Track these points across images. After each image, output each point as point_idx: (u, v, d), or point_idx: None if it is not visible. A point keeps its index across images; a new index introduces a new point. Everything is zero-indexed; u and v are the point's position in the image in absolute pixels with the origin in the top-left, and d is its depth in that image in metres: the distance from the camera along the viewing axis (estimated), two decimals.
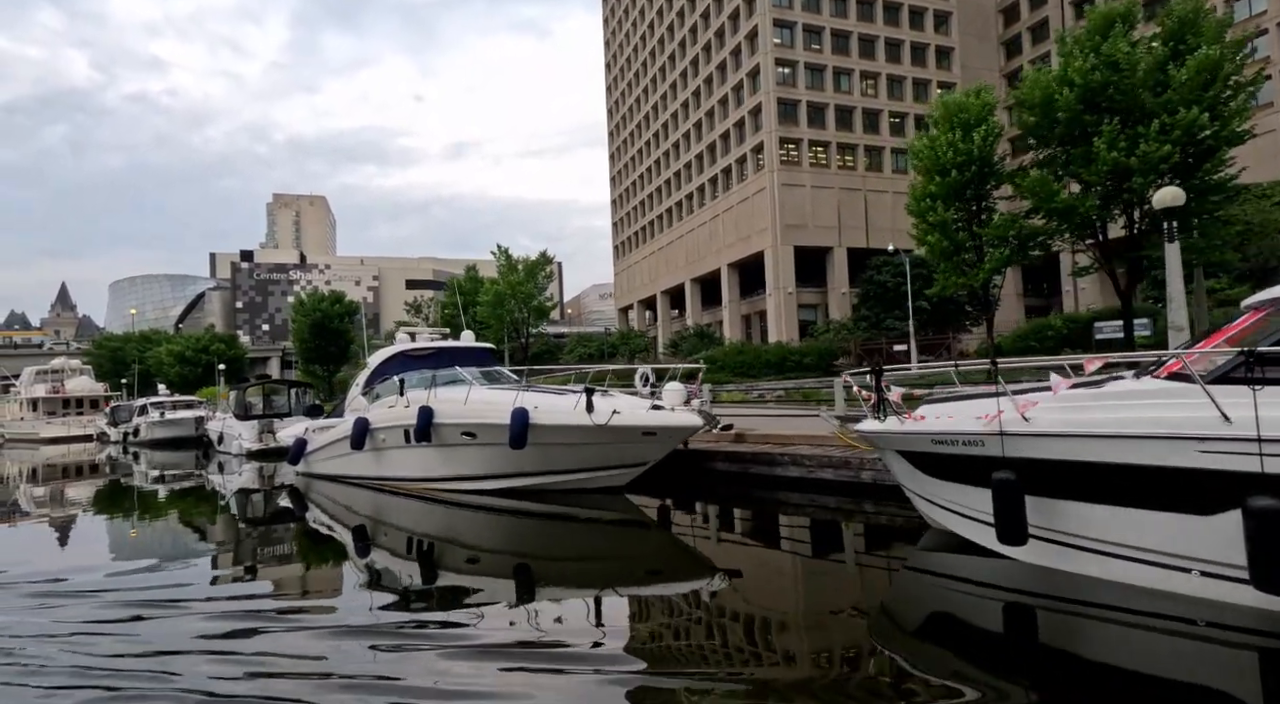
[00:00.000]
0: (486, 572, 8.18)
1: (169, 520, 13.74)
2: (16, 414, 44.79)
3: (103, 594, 7.23)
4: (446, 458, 11.21)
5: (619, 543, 9.15)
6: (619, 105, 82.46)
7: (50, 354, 64.46)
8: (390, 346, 14.29)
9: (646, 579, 7.60)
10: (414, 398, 11.68)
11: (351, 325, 45.16)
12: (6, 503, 18.09)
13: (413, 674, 4.73)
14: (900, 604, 6.01)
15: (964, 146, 23.31)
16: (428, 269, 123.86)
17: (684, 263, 65.22)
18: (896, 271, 44.24)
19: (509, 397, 10.31)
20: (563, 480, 10.44)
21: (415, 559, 8.84)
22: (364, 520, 11.53)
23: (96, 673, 4.95)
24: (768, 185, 50.93)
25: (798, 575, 7.36)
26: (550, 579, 7.64)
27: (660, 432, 9.52)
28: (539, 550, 9.02)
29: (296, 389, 24.35)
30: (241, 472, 20.63)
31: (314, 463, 14.84)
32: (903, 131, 54.31)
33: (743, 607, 6.21)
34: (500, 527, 10.28)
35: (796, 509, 9.55)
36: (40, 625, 6.16)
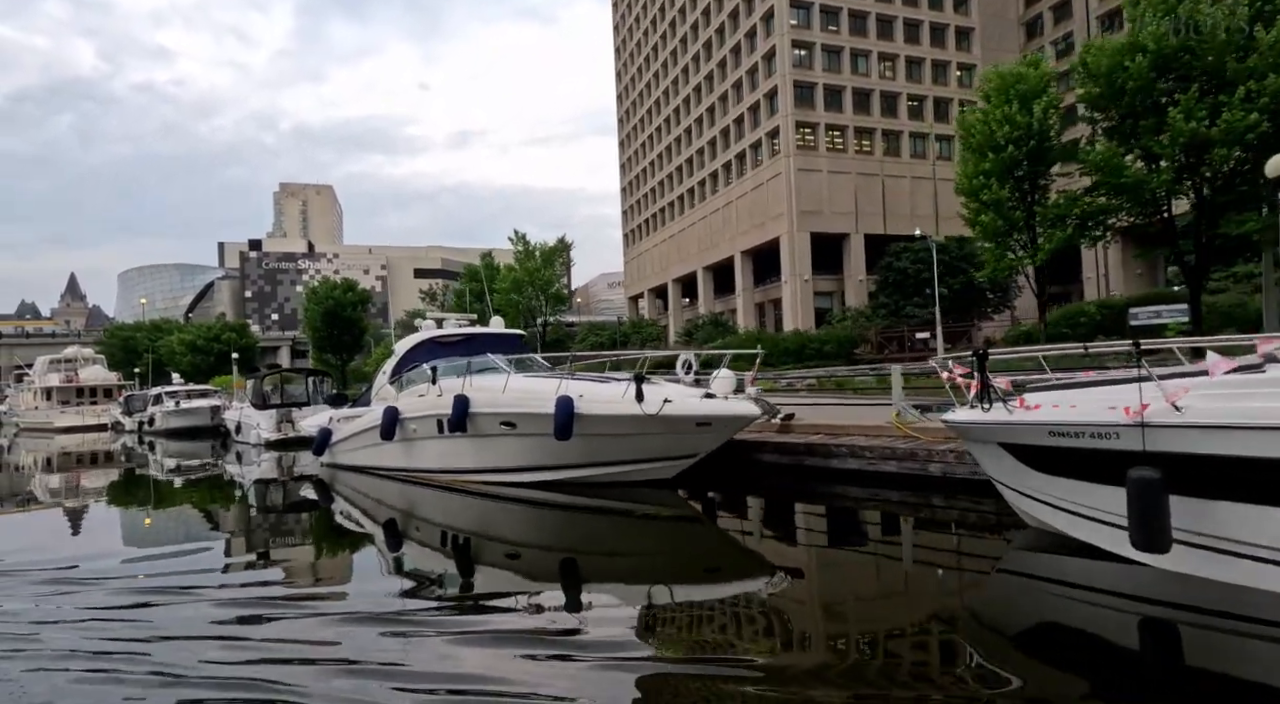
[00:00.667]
0: (526, 566, 7.77)
1: (187, 510, 13.47)
2: (31, 403, 44.74)
3: (117, 581, 7.26)
4: (483, 449, 10.75)
5: (670, 539, 8.68)
6: (629, 91, 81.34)
7: (63, 343, 64.50)
8: (418, 333, 13.80)
9: (702, 577, 7.14)
10: (447, 386, 11.21)
11: (364, 314, 44.81)
12: (24, 491, 17.95)
13: (424, 662, 4.65)
14: (996, 609, 5.51)
15: (1021, 120, 21.91)
16: (436, 258, 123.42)
17: (696, 250, 64.47)
18: (916, 258, 43.46)
19: (551, 385, 9.82)
20: (608, 473, 9.96)
21: (449, 553, 8.44)
22: (394, 513, 11.16)
23: (108, 657, 4.96)
24: (783, 170, 50.06)
25: (866, 575, 6.87)
26: (595, 575, 7.22)
27: (716, 422, 9.01)
28: (582, 545, 8.56)
29: (314, 378, 23.96)
30: (260, 461, 20.32)
31: (339, 453, 14.42)
32: (921, 115, 53.29)
33: (808, 609, 5.79)
34: (540, 520, 9.84)
35: (857, 504, 9.05)
36: (53, 612, 6.17)
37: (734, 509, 9.85)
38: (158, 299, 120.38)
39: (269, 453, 20.96)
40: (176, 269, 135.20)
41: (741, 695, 3.97)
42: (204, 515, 12.61)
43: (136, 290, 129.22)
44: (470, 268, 38.59)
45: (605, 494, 9.99)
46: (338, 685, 4.28)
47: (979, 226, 23.70)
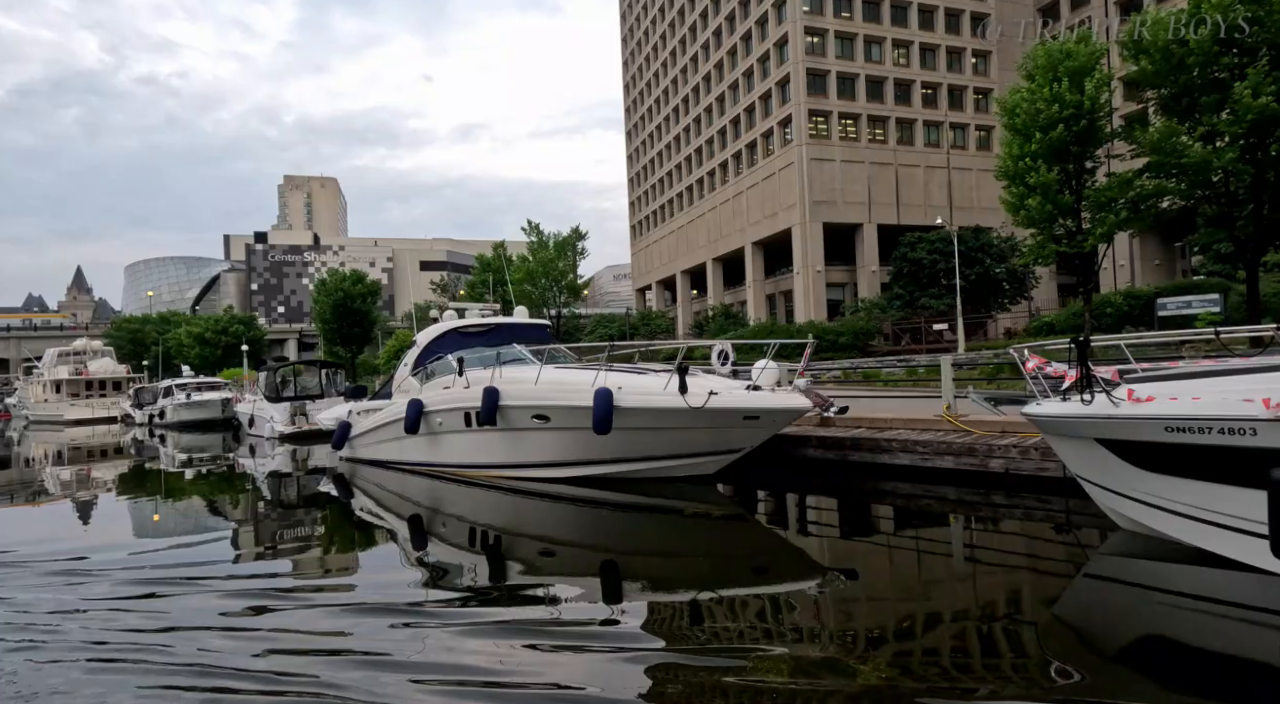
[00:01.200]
0: (560, 564, 7.42)
1: (199, 503, 13.17)
2: (40, 396, 44.59)
3: (129, 572, 7.28)
4: (513, 443, 10.36)
5: (713, 537, 8.28)
6: (636, 80, 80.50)
7: (71, 336, 64.39)
8: (441, 323, 13.39)
9: (750, 577, 6.75)
10: (475, 378, 10.81)
11: (374, 306, 44.41)
12: (36, 484, 17.73)
13: (446, 655, 4.61)
14: (1090, 618, 5.08)
15: (1072, 98, 20.60)
16: (442, 250, 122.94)
17: (705, 241, 63.87)
18: (932, 248, 42.89)
19: (587, 376, 9.41)
20: (646, 469, 9.56)
21: (477, 550, 8.11)
22: (418, 508, 10.83)
23: (118, 648, 4.98)
24: (796, 160, 49.40)
25: (929, 576, 6.46)
26: (635, 574, 6.84)
27: (764, 415, 8.58)
28: (619, 543, 8.18)
29: (327, 370, 23.62)
30: (274, 455, 20.04)
31: (359, 447, 14.06)
32: (935, 103, 52.50)
33: (867, 612, 5.42)
34: (573, 517, 9.46)
35: (908, 501, 8.63)
36: (64, 602, 6.16)
37: (777, 506, 9.45)
38: (164, 292, 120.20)
39: (283, 446, 20.67)
40: (183, 262, 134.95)
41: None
42: (216, 508, 12.35)
43: (143, 283, 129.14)
44: (483, 258, 38.08)
45: (642, 490, 9.60)
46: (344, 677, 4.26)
47: (1024, 212, 22.14)
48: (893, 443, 8.92)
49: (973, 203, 52.68)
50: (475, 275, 38.42)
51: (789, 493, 9.87)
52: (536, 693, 4.01)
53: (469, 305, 14.40)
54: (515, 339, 12.31)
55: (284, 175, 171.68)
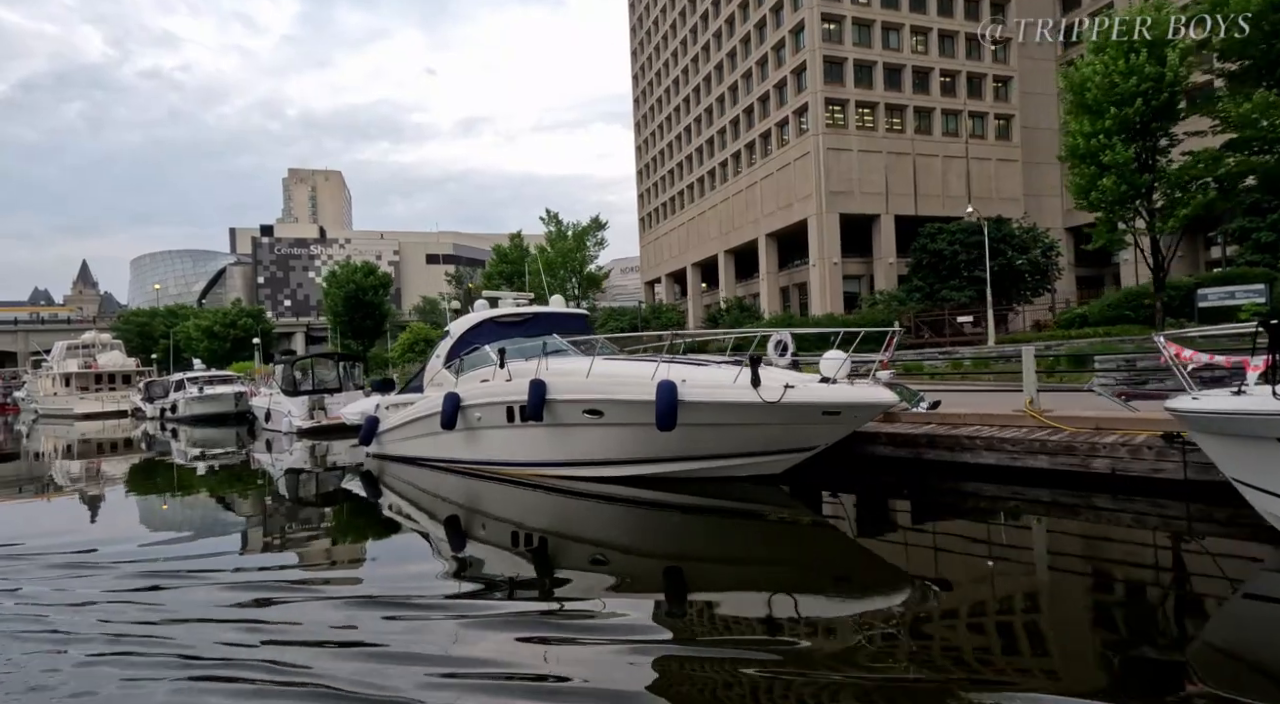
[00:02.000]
0: (617, 569, 6.89)
1: (214, 500, 12.66)
2: (50, 389, 44.18)
3: (134, 565, 7.23)
4: (561, 440, 9.74)
5: (786, 542, 7.67)
6: (645, 70, 79.50)
7: (79, 329, 64.06)
8: (476, 313, 12.75)
9: (830, 588, 6.17)
10: (518, 370, 10.18)
11: (385, 298, 43.79)
12: (47, 478, 17.30)
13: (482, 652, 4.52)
14: (1257, 647, 4.43)
15: (1151, 69, 19.18)
16: (448, 244, 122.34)
17: (717, 234, 63.09)
18: (952, 239, 42.09)
19: (645, 368, 8.77)
20: (709, 468, 8.93)
21: (522, 552, 7.55)
22: (455, 508, 10.29)
23: (120, 640, 4.98)
24: (812, 150, 48.55)
25: (1038, 591, 5.83)
26: (702, 581, 6.29)
27: (846, 411, 7.94)
28: (680, 547, 7.59)
29: (345, 363, 23.01)
30: (292, 450, 19.51)
31: (388, 443, 13.46)
32: (954, 92, 51.53)
33: (968, 630, 4.83)
34: (627, 519, 8.86)
35: (996, 504, 7.99)
36: (75, 594, 6.15)
37: (849, 508, 8.81)
38: (170, 285, 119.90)
39: (301, 442, 20.12)
40: (189, 255, 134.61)
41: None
42: (234, 505, 11.85)
43: (149, 276, 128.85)
44: (500, 248, 37.35)
45: (702, 491, 8.98)
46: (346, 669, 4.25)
47: (1095, 194, 20.74)
48: (975, 440, 8.28)
49: (991, 193, 51.80)
50: (492, 267, 37.72)
51: (859, 494, 9.24)
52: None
53: (503, 294, 13.74)
54: (555, 329, 11.69)
55: (289, 168, 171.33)
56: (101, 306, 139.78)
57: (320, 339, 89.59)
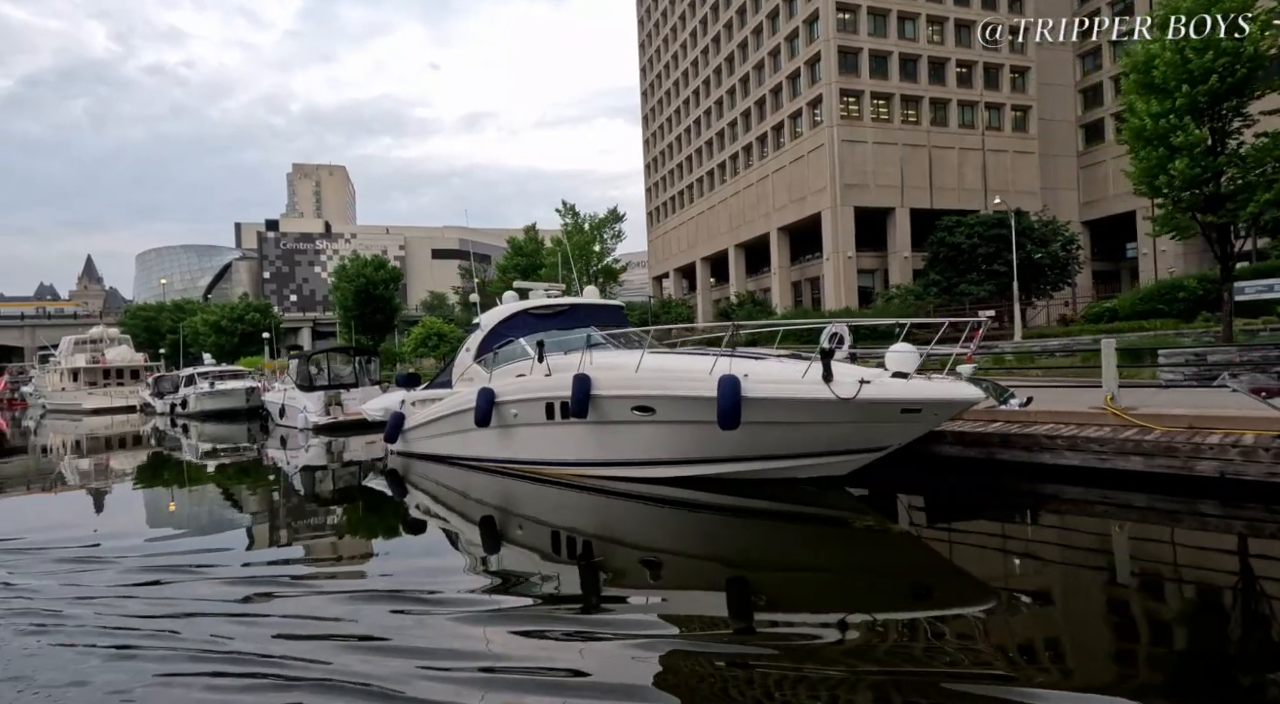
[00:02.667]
0: (675, 578, 6.40)
1: (230, 499, 12.18)
2: (57, 384, 43.81)
3: (139, 559, 7.22)
4: (607, 438, 9.20)
5: (857, 549, 7.15)
6: (654, 63, 78.69)
7: (85, 324, 63.75)
8: (508, 304, 12.19)
9: (910, 601, 5.67)
10: (557, 364, 9.65)
11: (396, 292, 43.23)
12: (62, 474, 16.88)
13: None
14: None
15: (1228, 44, 17.69)
16: (454, 238, 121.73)
17: (727, 228, 62.45)
18: (971, 232, 41.44)
19: (702, 363, 8.24)
20: (769, 469, 8.39)
21: (566, 559, 7.09)
22: (487, 508, 9.82)
23: (122, 633, 5.01)
24: (826, 142, 47.84)
25: (1143, 605, 5.31)
26: (771, 593, 5.78)
27: (927, 408, 7.38)
28: (743, 555, 7.05)
29: (361, 357, 22.49)
30: (308, 447, 19.04)
31: (414, 441, 12.94)
32: (970, 82, 50.72)
33: (1067, 645, 4.37)
34: (677, 522, 8.35)
35: (1081, 508, 7.43)
36: (81, 589, 6.17)
37: (920, 512, 8.25)
38: (176, 280, 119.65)
39: (317, 438, 19.65)
40: (194, 250, 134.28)
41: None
42: (247, 504, 11.42)
43: (155, 272, 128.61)
44: (514, 241, 36.71)
45: (756, 492, 8.44)
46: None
47: (1164, 177, 19.19)
48: (1057, 440, 7.72)
49: (1008, 186, 51.07)
50: (506, 259, 37.12)
51: (927, 496, 8.69)
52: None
53: (533, 285, 13.17)
54: (594, 321, 11.15)
55: (293, 163, 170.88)
56: (106, 302, 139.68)
57: (327, 334, 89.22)
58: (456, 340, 41.10)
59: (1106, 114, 54.30)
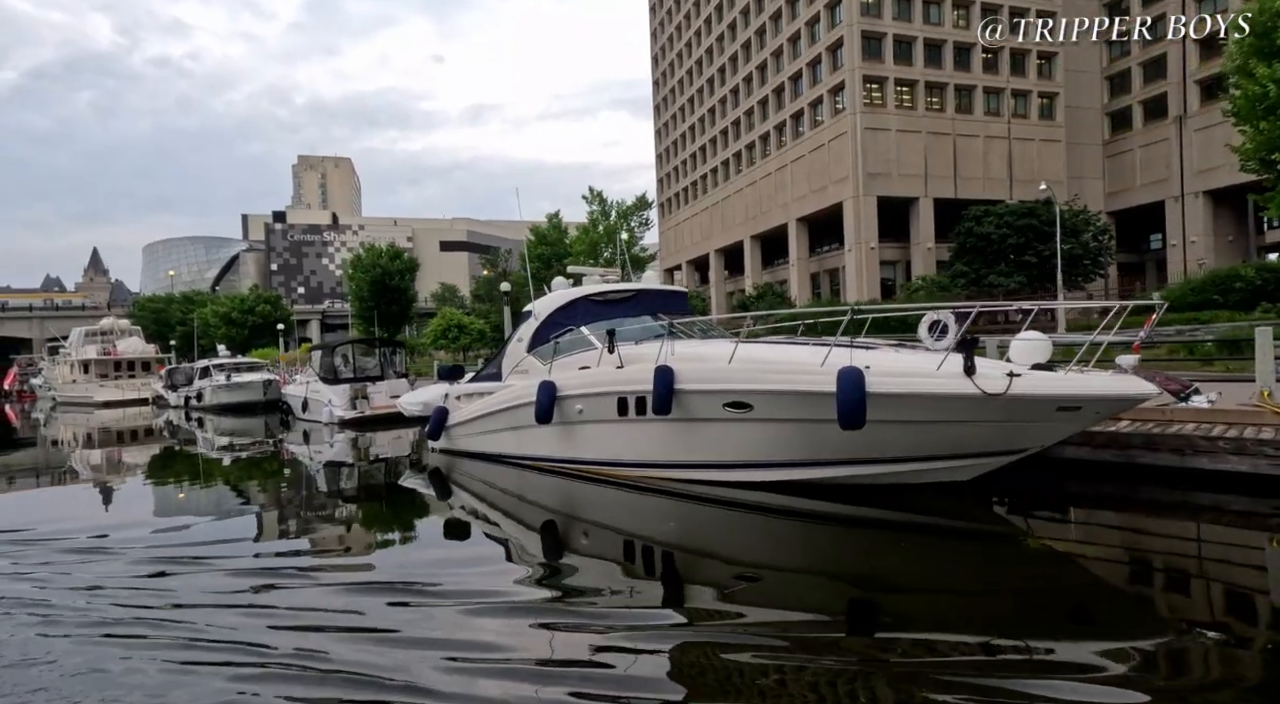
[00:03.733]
0: (778, 592, 5.63)
1: (255, 501, 11.45)
2: (68, 376, 43.12)
3: (150, 551, 7.24)
4: (691, 438, 8.33)
5: (999, 567, 6.30)
6: (666, 50, 77.40)
7: (94, 316, 63.14)
8: (565, 291, 11.29)
9: (1071, 628, 4.90)
10: (630, 355, 8.78)
11: (411, 282, 42.32)
12: (81, 469, 16.17)
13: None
14: None
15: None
16: (461, 230, 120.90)
17: (743, 219, 61.40)
18: (1000, 222, 40.40)
19: (811, 354, 7.36)
20: (886, 473, 7.53)
21: (650, 573, 6.25)
22: (547, 513, 9.03)
23: (126, 623, 5.00)
24: (848, 130, 46.73)
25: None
26: (896, 614, 5.03)
27: (1089, 405, 6.46)
28: (859, 571, 6.29)
29: (386, 349, 21.63)
30: (333, 442, 18.26)
31: (460, 438, 12.09)
32: (996, 68, 49.46)
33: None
34: (773, 531, 7.55)
35: (1252, 523, 6.54)
36: (86, 578, 6.19)
37: (1057, 523, 7.34)
38: (183, 272, 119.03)
39: (343, 433, 18.86)
40: (201, 242, 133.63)
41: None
42: (282, 506, 10.68)
43: (162, 263, 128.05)
44: (537, 229, 35.71)
45: (863, 498, 7.58)
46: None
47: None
48: (1218, 442, 6.83)
49: (1034, 175, 49.91)
50: (530, 248, 36.22)
51: (1059, 504, 7.81)
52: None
53: (588, 270, 12.24)
54: (661, 308, 10.29)
55: (298, 155, 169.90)
56: (113, 294, 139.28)
57: (336, 327, 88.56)
58: (477, 332, 40.41)
59: (1135, 101, 53.03)
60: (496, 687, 3.86)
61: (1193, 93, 48.70)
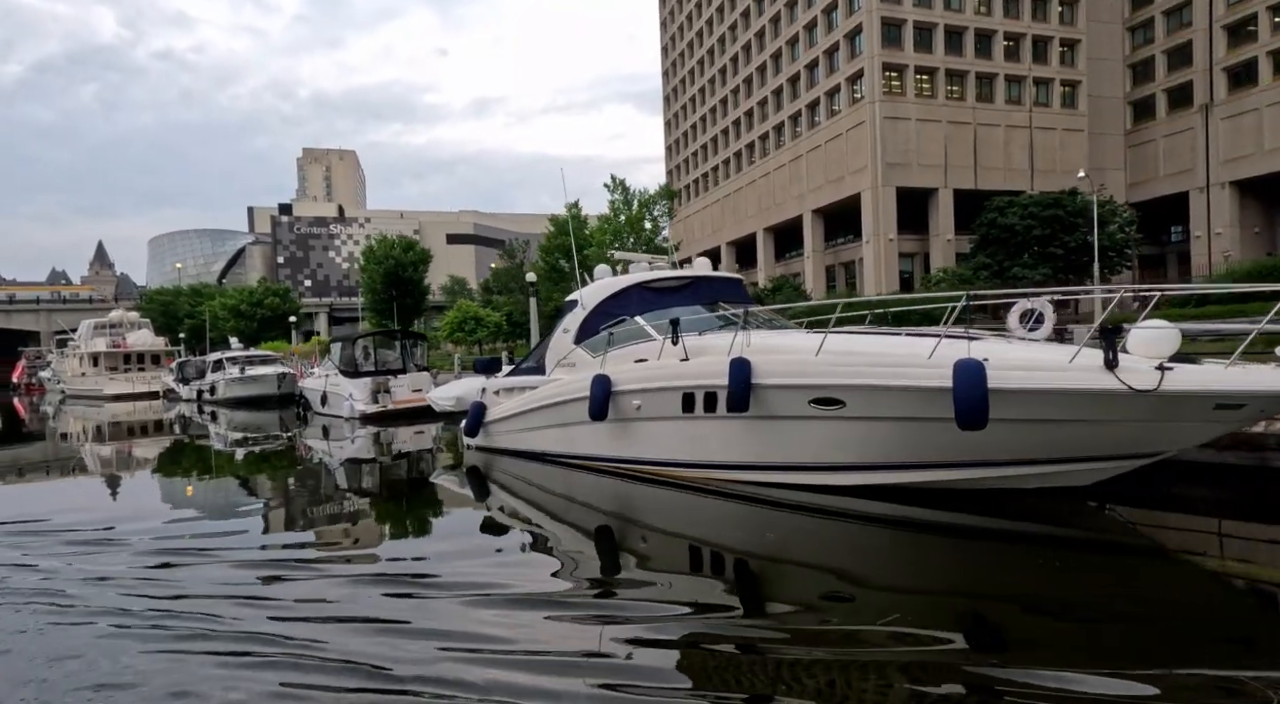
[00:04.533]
0: (901, 614, 4.87)
1: (289, 498, 10.83)
2: (77, 369, 42.65)
3: (176, 546, 7.27)
4: (770, 436, 7.65)
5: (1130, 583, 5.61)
6: (676, 40, 76.36)
7: (100, 309, 62.71)
8: (615, 278, 10.56)
9: (1238, 655, 4.12)
10: (698, 347, 8.09)
11: (425, 273, 41.62)
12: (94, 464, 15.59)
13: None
14: None
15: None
16: (468, 223, 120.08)
17: (756, 210, 60.58)
18: (1025, 213, 39.57)
19: (916, 346, 6.67)
20: (1001, 477, 6.82)
21: (730, 584, 5.58)
22: (601, 516, 8.37)
23: (132, 614, 5.02)
24: (867, 119, 45.82)
25: None
26: (1027, 641, 4.45)
27: (1254, 402, 5.71)
28: (976, 588, 5.55)
29: (408, 341, 20.92)
30: (354, 438, 17.66)
31: (499, 434, 11.44)
32: (1018, 56, 48.43)
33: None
34: (869, 541, 6.84)
35: None
36: (93, 570, 6.21)
37: (1189, 534, 6.62)
38: (189, 265, 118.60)
39: (364, 429, 18.25)
40: (207, 235, 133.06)
41: None
42: (312, 508, 10.00)
43: (167, 256, 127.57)
44: (557, 219, 34.94)
45: (961, 506, 6.89)
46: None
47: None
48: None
49: (1055, 165, 48.97)
50: (549, 239, 35.49)
51: (1187, 512, 7.09)
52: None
53: (635, 256, 11.51)
54: (719, 296, 9.61)
55: (303, 148, 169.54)
56: (118, 287, 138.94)
57: (343, 320, 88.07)
58: (494, 325, 39.70)
59: (1158, 89, 51.95)
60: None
61: (1220, 80, 47.63)
